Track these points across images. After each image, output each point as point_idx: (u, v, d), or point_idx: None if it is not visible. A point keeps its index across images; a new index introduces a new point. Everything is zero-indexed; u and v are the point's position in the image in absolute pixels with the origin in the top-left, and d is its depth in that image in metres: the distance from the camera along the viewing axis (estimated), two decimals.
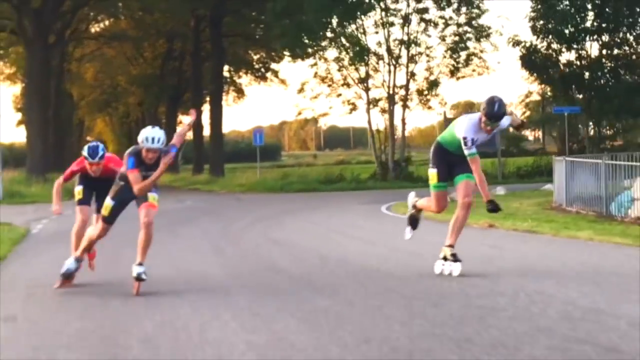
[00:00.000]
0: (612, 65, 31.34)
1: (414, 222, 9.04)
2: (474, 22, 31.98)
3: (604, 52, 31.40)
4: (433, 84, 31.79)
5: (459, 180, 8.33)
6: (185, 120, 65.44)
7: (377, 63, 32.02)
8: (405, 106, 32.70)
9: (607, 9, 30.89)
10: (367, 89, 32.42)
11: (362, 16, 31.26)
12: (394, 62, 31.94)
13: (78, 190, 9.02)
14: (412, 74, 32.40)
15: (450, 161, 8.37)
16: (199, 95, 50.39)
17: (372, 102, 32.65)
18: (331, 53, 32.69)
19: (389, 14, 31.55)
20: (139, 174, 7.86)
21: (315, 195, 28.31)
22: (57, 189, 9.07)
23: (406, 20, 32.47)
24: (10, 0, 34.31)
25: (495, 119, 7.94)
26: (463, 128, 8.07)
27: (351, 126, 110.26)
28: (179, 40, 57.69)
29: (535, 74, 32.35)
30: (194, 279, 8.93)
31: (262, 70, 60.00)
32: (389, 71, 32.29)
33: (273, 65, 57.90)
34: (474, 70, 32.27)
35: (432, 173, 8.51)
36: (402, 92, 32.57)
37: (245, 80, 62.94)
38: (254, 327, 5.95)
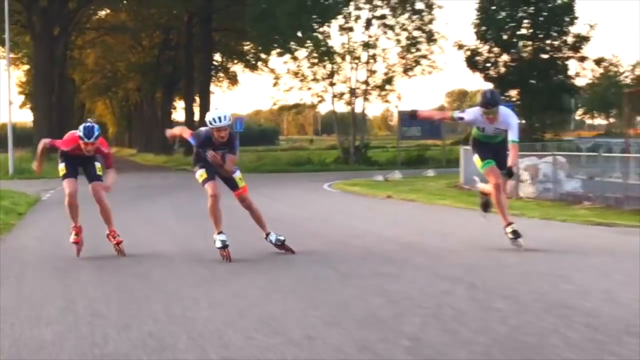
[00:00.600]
0: (543, 67, 36.11)
1: (486, 207, 9.66)
2: (425, 27, 36.78)
3: (536, 55, 36.22)
4: (387, 81, 36.62)
5: (487, 166, 8.99)
6: (180, 104, 69.99)
7: (341, 62, 36.90)
8: (365, 99, 37.60)
9: (539, 19, 35.70)
10: (332, 84, 37.30)
11: (328, 22, 36.06)
12: (355, 62, 36.84)
13: (61, 167, 9.36)
14: (372, 71, 37.28)
15: (489, 147, 8.99)
16: (191, 84, 54.97)
17: (337, 96, 37.52)
18: (302, 53, 37.54)
19: (351, 20, 36.42)
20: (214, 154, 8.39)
21: (282, 175, 33.13)
22: (42, 149, 9.53)
23: (368, 24, 37.26)
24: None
25: (490, 106, 8.51)
26: (470, 112, 9.00)
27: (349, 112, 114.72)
28: (174, 32, 62.06)
29: (478, 73, 37.19)
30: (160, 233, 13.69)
31: (253, 60, 64.31)
32: (351, 69, 37.21)
33: (263, 55, 62.62)
34: (424, 70, 37.19)
35: (475, 158, 9.15)
36: (363, 87, 37.47)
37: (238, 68, 67.23)
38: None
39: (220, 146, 8.34)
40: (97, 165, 9.31)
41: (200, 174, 8.52)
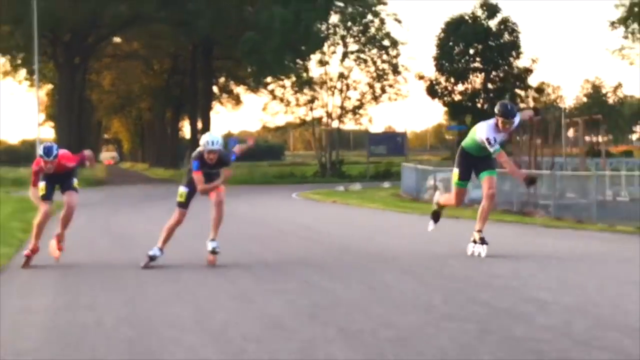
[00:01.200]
0: (492, 94, 42.21)
1: (436, 217, 10.47)
2: (391, 61, 42.97)
3: (485, 84, 42.32)
4: (358, 107, 42.86)
5: (483, 176, 9.56)
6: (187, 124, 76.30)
7: (320, 90, 43.19)
8: (340, 122, 43.79)
9: (488, 54, 41.83)
10: (312, 109, 43.54)
11: (307, 57, 42.33)
12: (331, 90, 43.11)
13: (41, 186, 9.85)
14: (346, 97, 43.52)
15: (472, 163, 9.62)
16: (195, 106, 61.27)
17: (316, 119, 43.72)
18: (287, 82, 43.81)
19: (327, 55, 42.72)
20: (202, 175, 9.07)
21: (267, 186, 39.19)
22: (35, 196, 9.83)
23: (344, 57, 43.49)
24: (47, 36, 45.40)
25: (510, 116, 9.20)
26: (484, 131, 9.32)
27: (351, 129, 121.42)
28: (181, 58, 68.43)
29: (437, 100, 43.30)
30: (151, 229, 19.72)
31: (253, 83, 70.61)
32: (328, 95, 43.52)
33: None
34: (390, 97, 43.35)
35: (455, 172, 9.82)
36: (339, 111, 43.70)
37: (241, 89, 73.46)
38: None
39: (213, 166, 9.20)
40: (75, 181, 10.00)
41: (180, 193, 9.47)
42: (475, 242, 9.51)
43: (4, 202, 23.07)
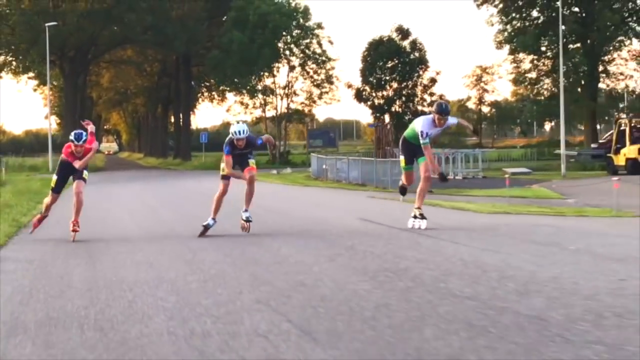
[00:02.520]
0: (404, 99, 53.99)
1: (403, 191, 12.49)
2: (328, 72, 54.85)
3: (399, 92, 54.15)
4: (298, 111, 54.87)
5: (421, 162, 11.42)
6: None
7: (270, 95, 55.07)
8: (287, 121, 55.69)
9: (400, 68, 53.65)
10: (264, 111, 55.46)
11: (260, 70, 54.18)
12: (280, 96, 55.07)
13: (54, 179, 11.49)
14: (292, 101, 55.46)
15: (413, 150, 11.47)
16: (178, 105, 72.87)
17: (269, 119, 55.57)
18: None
19: (276, 68, 54.62)
20: (231, 160, 10.93)
21: None
22: (84, 162, 11.27)
23: (292, 69, 55.34)
24: (56, 53, 57.10)
25: (444, 113, 11.23)
26: (420, 125, 11.24)
27: (342, 120, 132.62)
28: (169, 63, 79.91)
29: (362, 104, 55.17)
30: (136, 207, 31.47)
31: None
32: (279, 99, 55.44)
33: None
34: (326, 102, 55.30)
35: (401, 159, 11.79)
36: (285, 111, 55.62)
37: None
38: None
39: (244, 148, 11.01)
40: (85, 172, 11.37)
41: (222, 168, 11.22)
42: (415, 217, 11.20)
43: (32, 180, 35.11)
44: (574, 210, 15.41)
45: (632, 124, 37.26)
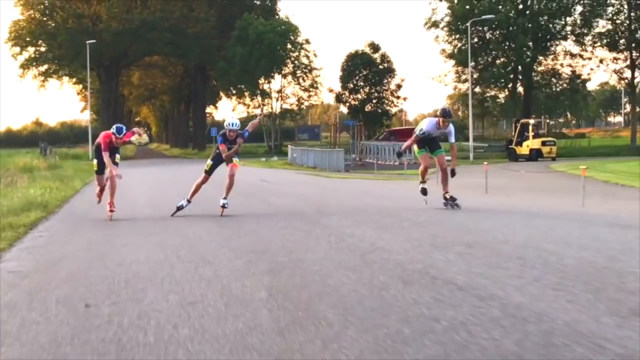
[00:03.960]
0: (375, 102, 66.50)
1: (424, 192, 13.93)
2: (314, 79, 67.62)
3: (370, 96, 66.66)
4: (287, 111, 67.76)
5: (436, 154, 13.63)
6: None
7: (267, 98, 67.97)
8: (282, 119, 68.58)
9: (371, 76, 66.19)
10: (262, 110, 68.32)
11: (259, 78, 66.97)
12: (275, 98, 67.98)
13: (94, 163, 13.44)
14: (284, 102, 68.30)
15: (424, 141, 13.49)
16: (196, 104, 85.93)
17: (267, 116, 68.46)
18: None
19: (271, 77, 67.44)
20: (225, 146, 12.74)
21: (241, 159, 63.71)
22: (107, 161, 12.98)
23: (285, 77, 68.10)
24: (94, 62, 70.28)
25: (447, 116, 13.15)
26: (424, 124, 13.37)
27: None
28: (189, 66, 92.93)
29: (342, 105, 67.77)
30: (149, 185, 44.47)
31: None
32: (274, 101, 68.31)
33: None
34: (311, 104, 68.01)
35: (415, 148, 13.71)
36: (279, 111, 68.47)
37: None
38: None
39: (232, 140, 13.06)
40: (117, 156, 13.16)
41: (207, 164, 13.47)
42: (446, 199, 13.15)
43: (79, 165, 48.21)
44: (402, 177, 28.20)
45: (534, 124, 50.16)
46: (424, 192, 13.82)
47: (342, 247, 8.06)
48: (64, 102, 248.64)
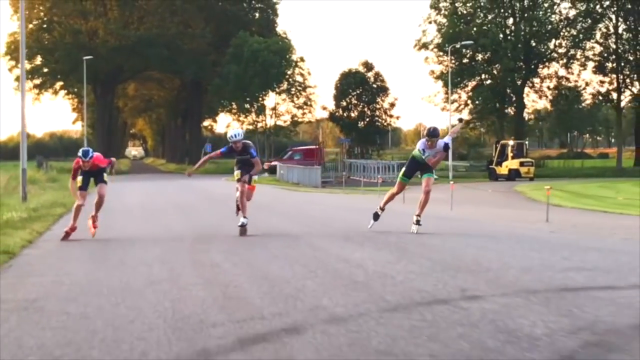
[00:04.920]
0: (369, 120, 74.00)
1: (376, 217, 15.01)
2: (309, 97, 75.23)
3: (363, 114, 74.19)
4: (280, 127, 75.44)
5: (423, 177, 14.50)
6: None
7: (261, 114, 75.66)
8: (271, 134, 76.27)
9: (364, 95, 73.75)
10: (256, 127, 75.89)
11: (252, 95, 74.63)
12: (269, 115, 75.62)
13: (79, 179, 14.13)
14: (278, 119, 75.88)
15: (414, 166, 14.65)
16: (192, 119, 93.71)
17: (259, 132, 76.12)
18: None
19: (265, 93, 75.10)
20: (221, 155, 14.54)
21: (219, 174, 71.30)
22: (73, 187, 14.21)
23: (279, 94, 75.77)
24: (91, 77, 78.06)
25: (431, 136, 14.20)
26: (419, 145, 14.47)
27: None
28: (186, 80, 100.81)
29: (335, 123, 75.24)
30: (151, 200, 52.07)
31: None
32: (267, 117, 75.94)
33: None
34: (304, 122, 75.49)
35: (402, 171, 14.90)
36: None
37: None
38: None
39: (240, 153, 14.30)
40: (105, 174, 14.47)
41: (236, 174, 14.62)
42: (415, 223, 14.23)
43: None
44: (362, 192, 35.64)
45: (513, 145, 57.64)
46: (376, 217, 14.96)
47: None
48: (51, 112, 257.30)
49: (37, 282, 8.69)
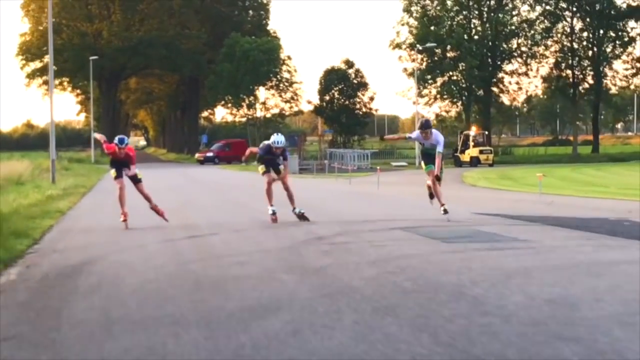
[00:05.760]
0: (350, 113, 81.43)
1: (431, 196, 16.16)
2: (295, 92, 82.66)
3: (344, 107, 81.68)
4: (270, 120, 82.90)
5: (428, 169, 15.75)
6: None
7: (252, 107, 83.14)
8: (262, 125, 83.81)
9: (346, 89, 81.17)
10: (248, 119, 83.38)
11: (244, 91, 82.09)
12: (259, 109, 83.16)
13: (112, 171, 15.43)
14: (267, 112, 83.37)
15: (428, 157, 15.77)
16: (190, 112, 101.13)
17: (251, 125, 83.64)
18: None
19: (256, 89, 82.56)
20: (261, 153, 15.62)
21: (226, 164, 78.77)
22: (104, 140, 16.20)
23: (268, 89, 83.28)
24: (97, 75, 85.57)
25: (424, 128, 15.26)
26: (414, 135, 15.94)
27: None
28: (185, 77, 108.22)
29: (319, 116, 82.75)
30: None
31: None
32: (260, 110, 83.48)
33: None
34: (291, 114, 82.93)
35: (423, 164, 16.03)
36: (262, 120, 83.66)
37: None
38: None
39: (278, 155, 15.72)
40: (137, 172, 15.50)
41: (261, 168, 15.64)
42: (443, 213, 15.30)
43: (89, 166, 63.24)
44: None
45: (474, 135, 65.26)
46: (431, 195, 16.23)
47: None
48: (55, 103, 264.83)
49: (84, 224, 16.25)
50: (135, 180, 15.40)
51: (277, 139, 15.67)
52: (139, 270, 9.46)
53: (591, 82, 76.33)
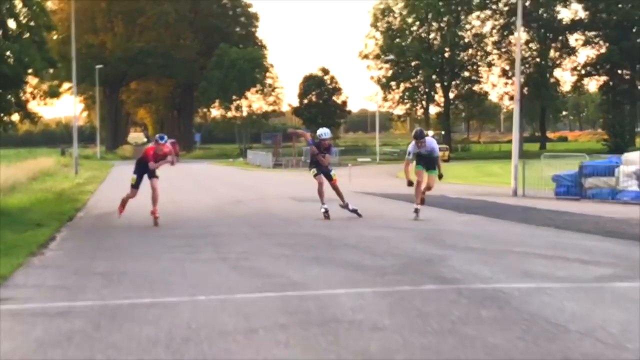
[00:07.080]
0: (325, 114, 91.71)
1: (422, 202, 16.67)
2: (277, 96, 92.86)
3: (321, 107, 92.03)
4: (254, 121, 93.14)
5: (430, 173, 16.38)
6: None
7: (238, 109, 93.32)
8: (247, 125, 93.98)
9: (322, 93, 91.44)
10: (236, 120, 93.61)
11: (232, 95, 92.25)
12: (245, 110, 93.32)
13: (133, 177, 15.94)
14: (251, 114, 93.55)
15: (423, 161, 16.31)
16: (184, 113, 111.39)
17: (237, 125, 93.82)
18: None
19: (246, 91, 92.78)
20: (320, 155, 16.05)
21: (205, 159, 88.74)
22: (155, 165, 15.99)
23: (254, 94, 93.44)
24: (101, 81, 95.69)
25: (418, 138, 15.88)
26: (410, 148, 16.19)
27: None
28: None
29: (298, 117, 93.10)
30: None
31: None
32: (244, 112, 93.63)
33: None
34: (273, 116, 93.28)
35: (415, 164, 16.37)
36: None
37: None
38: None
39: (324, 150, 16.06)
40: (157, 172, 16.26)
41: (313, 171, 16.31)
42: (415, 212, 16.25)
43: (97, 162, 73.39)
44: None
45: (432, 135, 75.76)
46: (416, 212, 16.38)
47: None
48: (57, 101, 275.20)
49: (107, 197, 26.59)
50: (153, 174, 16.39)
51: (324, 131, 16.67)
52: (144, 212, 19.68)
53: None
